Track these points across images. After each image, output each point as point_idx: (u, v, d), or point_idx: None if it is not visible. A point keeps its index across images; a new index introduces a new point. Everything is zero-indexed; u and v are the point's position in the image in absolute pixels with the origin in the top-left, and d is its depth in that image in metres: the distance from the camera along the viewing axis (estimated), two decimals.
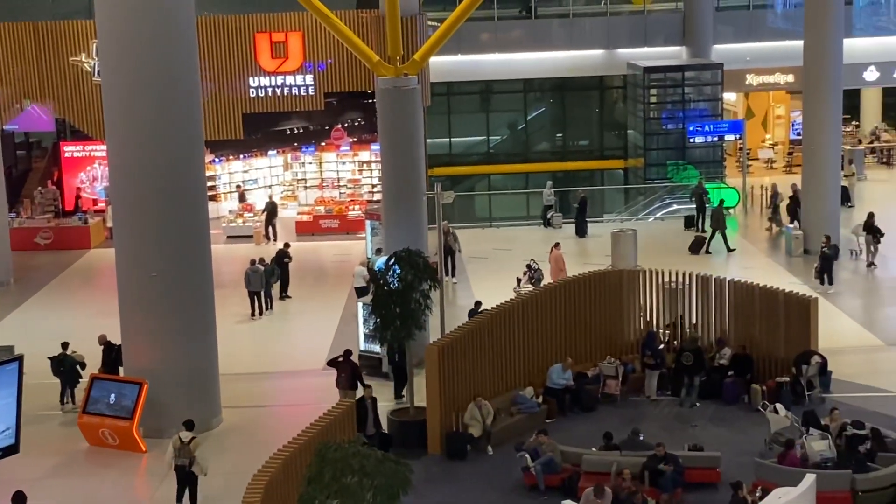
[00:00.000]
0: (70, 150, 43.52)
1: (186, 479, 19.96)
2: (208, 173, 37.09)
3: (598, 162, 50.25)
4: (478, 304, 26.36)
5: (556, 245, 32.95)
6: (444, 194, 25.79)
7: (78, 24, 40.37)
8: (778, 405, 22.21)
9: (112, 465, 22.13)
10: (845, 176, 41.35)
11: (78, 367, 24.87)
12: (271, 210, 40.33)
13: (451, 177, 47.85)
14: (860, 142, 51.14)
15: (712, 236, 37.08)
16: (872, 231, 34.47)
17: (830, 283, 31.08)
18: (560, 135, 51.37)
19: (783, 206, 39.18)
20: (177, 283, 22.91)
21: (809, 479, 17.90)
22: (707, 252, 36.44)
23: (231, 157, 45.07)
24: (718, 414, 23.71)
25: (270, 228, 39.99)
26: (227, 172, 45.19)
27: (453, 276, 33.96)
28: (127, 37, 22.18)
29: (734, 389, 24.13)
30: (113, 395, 22.91)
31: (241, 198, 43.52)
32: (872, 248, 34.36)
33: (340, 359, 24.15)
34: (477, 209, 47.52)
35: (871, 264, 34.34)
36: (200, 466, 19.92)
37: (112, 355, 24.65)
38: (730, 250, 36.64)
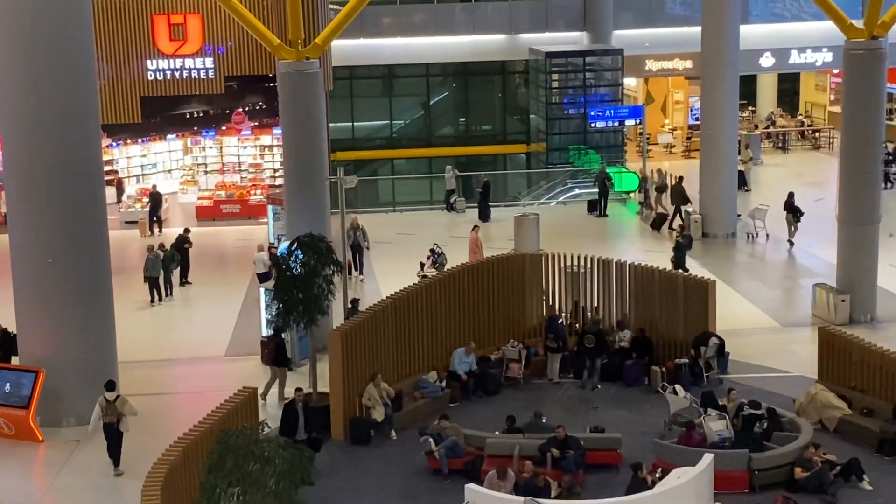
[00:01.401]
0: None
1: (115, 435, 20.76)
2: (105, 157, 36.45)
3: (501, 146, 50.48)
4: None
5: (475, 228, 33.20)
6: (346, 179, 25.70)
7: None
8: (677, 386, 22.55)
9: (8, 455, 21.68)
10: (742, 160, 42.10)
11: None
12: (155, 201, 39.18)
13: (354, 161, 47.74)
14: (756, 127, 52.14)
15: (675, 213, 37.74)
16: (793, 210, 35.56)
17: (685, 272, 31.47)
18: (463, 119, 51.49)
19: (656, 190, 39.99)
20: (73, 269, 22.50)
21: (707, 458, 18.20)
22: (671, 229, 36.95)
23: (129, 142, 44.36)
24: (619, 396, 24.00)
25: (155, 220, 38.82)
26: (125, 157, 44.49)
27: (360, 272, 33.06)
28: (20, 18, 21.65)
29: (634, 371, 24.44)
30: (8, 384, 22.43)
31: (119, 187, 42.63)
32: (793, 228, 35.45)
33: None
34: (380, 194, 47.45)
35: (790, 241, 35.40)
36: (127, 421, 20.77)
37: (6, 344, 24.13)
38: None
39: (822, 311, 28.34)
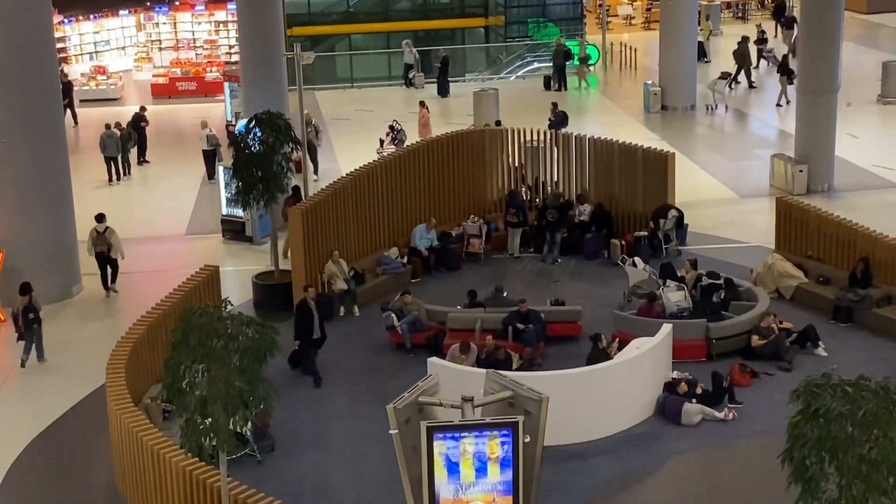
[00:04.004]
0: None
1: (107, 262, 23.21)
2: (57, 35, 35.76)
3: (459, 20, 49.79)
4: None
5: (421, 104, 32.96)
6: (303, 55, 25.35)
7: None
8: (636, 259, 22.74)
9: None
10: (701, 31, 41.91)
11: None
12: (65, 88, 36.19)
13: (311, 37, 46.98)
14: None
15: (737, 72, 38.53)
16: (787, 72, 36.26)
17: None
18: None
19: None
20: (28, 148, 22.24)
21: (666, 328, 18.50)
22: (732, 86, 37.80)
23: (81, 18, 43.49)
24: (579, 269, 24.20)
25: (68, 111, 36.18)
26: (77, 34, 43.66)
27: (315, 173, 30.35)
28: None
29: (594, 245, 24.60)
30: None
31: None
32: (785, 89, 36.15)
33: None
34: (338, 70, 46.88)
35: (785, 104, 36.07)
36: (118, 250, 23.22)
37: None
38: (752, 86, 38.81)
39: (779, 181, 28.54)
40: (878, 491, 10.84)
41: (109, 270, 23.43)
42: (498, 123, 29.13)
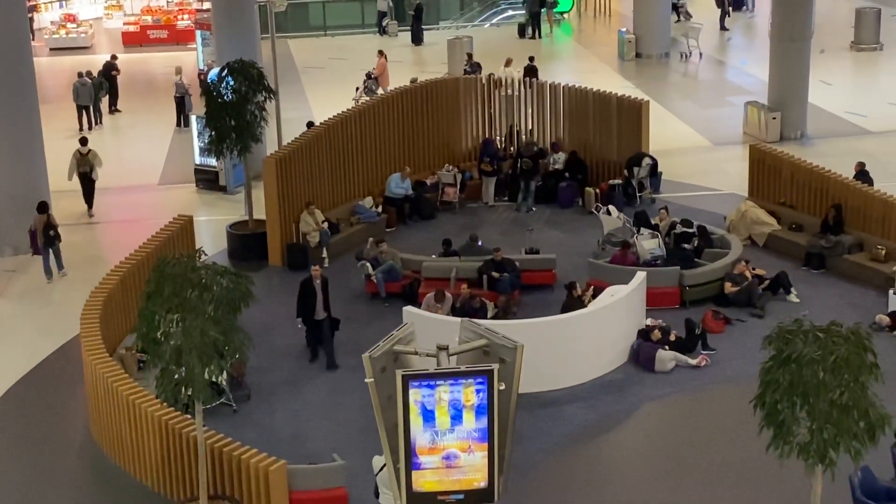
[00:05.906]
0: None
1: (89, 183, 24.74)
2: None
3: None
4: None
5: (380, 52, 32.96)
6: (276, 2, 25.14)
7: None
8: (611, 207, 22.81)
9: None
10: None
11: None
12: None
13: None
14: None
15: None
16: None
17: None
18: None
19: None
20: None
21: (640, 276, 18.58)
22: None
23: None
24: (554, 217, 24.24)
25: None
26: None
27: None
28: None
29: (569, 193, 24.64)
30: None
31: None
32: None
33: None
34: (311, 17, 46.48)
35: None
36: (97, 171, 24.74)
37: None
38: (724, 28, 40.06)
39: (753, 128, 28.59)
40: (849, 435, 10.99)
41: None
42: (531, 59, 29.05)
